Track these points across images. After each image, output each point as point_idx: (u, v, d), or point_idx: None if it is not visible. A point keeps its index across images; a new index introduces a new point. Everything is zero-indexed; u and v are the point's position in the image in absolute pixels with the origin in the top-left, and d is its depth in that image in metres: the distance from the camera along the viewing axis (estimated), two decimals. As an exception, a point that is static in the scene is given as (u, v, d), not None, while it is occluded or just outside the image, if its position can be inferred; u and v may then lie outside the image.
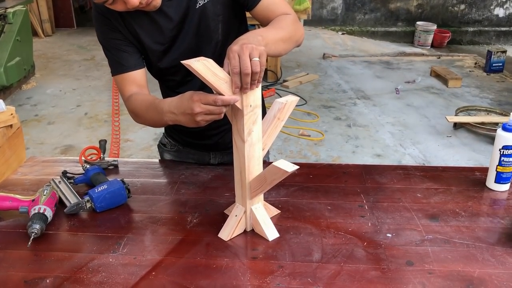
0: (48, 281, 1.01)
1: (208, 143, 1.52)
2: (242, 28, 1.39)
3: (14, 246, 1.13)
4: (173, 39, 1.30)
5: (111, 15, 1.27)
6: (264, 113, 1.14)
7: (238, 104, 1.02)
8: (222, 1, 1.28)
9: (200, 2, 1.26)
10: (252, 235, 1.17)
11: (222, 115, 1.04)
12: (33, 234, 1.12)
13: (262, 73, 1.01)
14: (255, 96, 1.04)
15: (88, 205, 1.25)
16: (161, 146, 1.66)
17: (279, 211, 1.25)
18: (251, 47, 0.99)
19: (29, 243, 1.11)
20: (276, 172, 1.04)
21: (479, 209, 1.27)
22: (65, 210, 1.24)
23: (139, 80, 1.32)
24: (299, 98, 1.12)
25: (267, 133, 1.11)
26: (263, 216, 1.16)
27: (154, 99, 1.23)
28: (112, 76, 1.35)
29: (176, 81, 1.39)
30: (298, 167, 1.02)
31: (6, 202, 1.22)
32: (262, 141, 1.11)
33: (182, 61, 0.97)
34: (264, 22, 1.30)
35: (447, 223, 1.20)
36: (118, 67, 1.32)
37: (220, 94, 1.01)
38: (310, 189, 1.37)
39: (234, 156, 1.12)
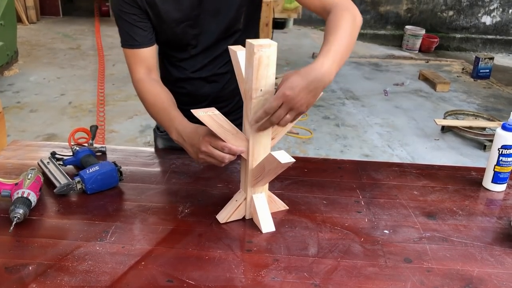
0: (30, 268, 0.96)
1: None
2: (258, 15, 1.42)
3: (-5, 231, 1.07)
4: (194, 17, 1.29)
5: None
6: None
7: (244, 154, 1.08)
8: None
9: None
10: (249, 224, 1.14)
11: (223, 164, 1.07)
12: (15, 219, 1.06)
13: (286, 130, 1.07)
14: (266, 81, 1.00)
15: (79, 186, 1.20)
16: (156, 131, 1.61)
17: (287, 207, 1.20)
18: (299, 106, 0.98)
19: (11, 228, 1.05)
20: (272, 162, 1.01)
21: (476, 208, 1.25)
22: (54, 191, 1.19)
23: (149, 58, 1.30)
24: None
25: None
26: (262, 207, 1.12)
27: (168, 107, 1.22)
28: (121, 46, 1.31)
29: (185, 58, 1.38)
30: (293, 160, 0.98)
31: (-13, 185, 1.15)
32: (273, 130, 1.07)
33: (192, 110, 0.99)
34: (314, 7, 1.23)
35: (444, 221, 1.18)
36: (129, 40, 1.29)
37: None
38: (305, 183, 1.33)
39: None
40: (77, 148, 1.38)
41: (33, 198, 1.12)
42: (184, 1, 1.26)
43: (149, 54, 1.31)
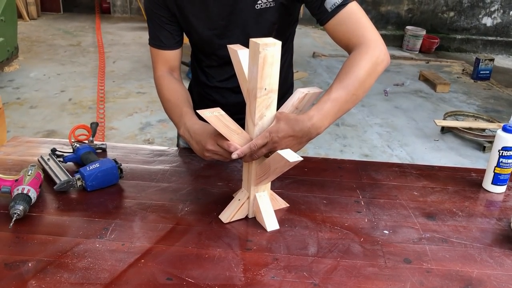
0: (30, 264, 0.95)
1: None
2: (292, 35, 1.37)
3: (-6, 227, 1.07)
4: (222, 27, 1.26)
5: None
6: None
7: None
8: (282, 11, 1.21)
9: (260, 4, 1.19)
10: (252, 223, 1.13)
11: (228, 160, 1.09)
12: (15, 215, 1.06)
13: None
14: (271, 79, 1.00)
15: (79, 183, 1.20)
16: None
17: (288, 205, 1.21)
18: (281, 146, 1.02)
19: (11, 224, 1.05)
20: (279, 161, 1.01)
21: (476, 209, 1.25)
22: (54, 187, 1.19)
23: (173, 60, 1.33)
24: (322, 90, 1.08)
25: None
26: (265, 205, 1.12)
27: (181, 103, 1.23)
28: (148, 44, 1.34)
29: (213, 65, 1.36)
30: (301, 159, 0.99)
31: (-13, 181, 1.15)
32: None
33: (197, 111, 1.01)
34: (339, 41, 1.16)
35: (444, 222, 1.18)
36: (156, 41, 1.32)
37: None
38: (305, 182, 1.33)
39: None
40: (78, 145, 1.38)
41: (33, 194, 1.12)
42: (213, 9, 1.23)
43: (173, 56, 1.33)
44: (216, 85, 1.38)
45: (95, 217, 1.13)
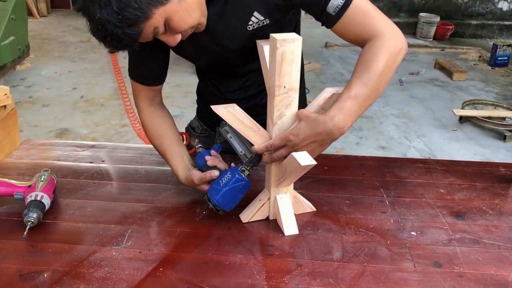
0: (45, 275, 0.93)
1: None
2: (296, 31, 1.27)
3: (8, 235, 1.04)
4: (214, 52, 1.17)
5: None
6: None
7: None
8: (279, 25, 1.10)
9: (252, 24, 1.08)
10: (273, 226, 1.10)
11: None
12: (29, 223, 1.03)
13: None
14: (290, 77, 0.95)
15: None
16: (190, 130, 1.54)
17: (314, 209, 1.16)
18: (301, 148, 0.98)
19: (25, 233, 1.02)
20: (293, 163, 0.97)
21: (507, 207, 1.19)
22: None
23: (157, 89, 1.25)
24: None
25: None
26: (286, 208, 1.08)
27: (165, 149, 1.22)
28: (129, 76, 1.23)
29: (217, 78, 1.30)
30: (315, 163, 0.94)
31: (0, 187, 1.12)
32: None
33: (211, 106, 1.00)
34: (351, 40, 1.08)
35: (474, 221, 1.12)
36: (138, 75, 1.21)
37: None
38: (325, 181, 1.28)
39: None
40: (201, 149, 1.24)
41: (46, 201, 1.09)
42: (203, 38, 1.12)
43: (156, 88, 1.25)
44: (226, 96, 1.30)
45: (111, 223, 1.09)
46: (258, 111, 1.21)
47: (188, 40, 1.07)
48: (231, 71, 1.25)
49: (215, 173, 1.10)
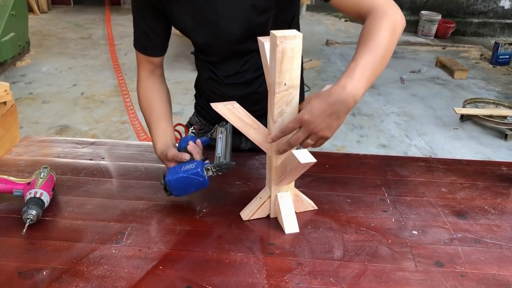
0: (44, 273, 0.92)
1: None
2: (295, 19, 1.27)
3: (7, 233, 1.04)
4: (213, 23, 1.18)
5: None
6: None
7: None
8: None
9: None
10: (274, 224, 1.09)
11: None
12: (28, 220, 1.02)
13: None
14: (291, 74, 0.94)
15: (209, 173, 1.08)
16: (189, 126, 1.54)
17: (316, 208, 1.15)
18: (318, 131, 0.94)
19: (24, 230, 1.01)
20: (293, 161, 0.96)
21: (509, 206, 1.18)
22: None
23: (156, 61, 1.30)
24: None
25: None
26: (286, 206, 1.07)
27: (151, 121, 1.24)
28: (133, 46, 1.30)
29: (214, 61, 1.30)
30: (314, 160, 0.92)
31: (-1, 184, 1.12)
32: None
33: (211, 104, 0.99)
34: (349, 12, 1.10)
35: (476, 221, 1.12)
36: (140, 45, 1.28)
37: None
38: (326, 180, 1.28)
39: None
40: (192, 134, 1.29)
41: (46, 198, 1.08)
42: (197, 3, 1.16)
43: (156, 60, 1.30)
44: (223, 81, 1.31)
45: (110, 220, 1.09)
46: (257, 99, 1.22)
47: (187, 11, 1.12)
48: (229, 49, 1.23)
49: (186, 157, 1.09)
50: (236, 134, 1.41)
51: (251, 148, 1.45)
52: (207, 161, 1.09)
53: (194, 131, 1.24)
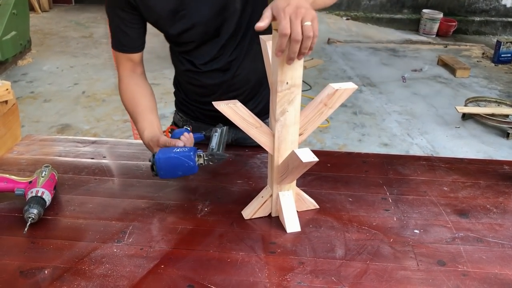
0: (46, 272, 0.92)
1: (222, 114, 1.40)
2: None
3: (9, 231, 1.04)
4: (184, 8, 1.19)
5: None
6: None
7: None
8: None
9: None
10: (275, 223, 1.09)
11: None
12: (30, 219, 1.02)
13: (315, 40, 0.89)
14: (293, 73, 0.94)
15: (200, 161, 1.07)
16: (178, 126, 1.55)
17: (317, 206, 1.15)
18: (304, 11, 0.87)
19: (26, 229, 1.01)
20: (295, 160, 0.95)
21: (511, 205, 1.18)
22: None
23: (136, 59, 1.31)
24: (357, 87, 1.01)
25: (309, 118, 1.02)
26: (288, 205, 1.07)
27: (140, 114, 1.24)
28: (111, 47, 1.30)
29: (189, 49, 1.30)
30: (316, 159, 0.92)
31: (1, 183, 1.12)
32: (301, 125, 1.01)
33: (213, 102, 0.98)
34: None
35: (478, 220, 1.11)
36: (118, 44, 1.29)
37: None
38: (328, 178, 1.27)
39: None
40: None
41: (47, 197, 1.08)
42: None
43: (136, 56, 1.31)
44: (201, 69, 1.32)
45: (112, 219, 1.09)
46: (236, 83, 1.26)
47: (158, 2, 1.15)
48: (202, 32, 1.23)
49: (180, 143, 1.09)
50: (216, 125, 1.40)
51: (234, 139, 1.46)
52: (199, 150, 1.08)
53: (188, 128, 1.24)
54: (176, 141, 1.09)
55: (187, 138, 1.13)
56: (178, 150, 1.05)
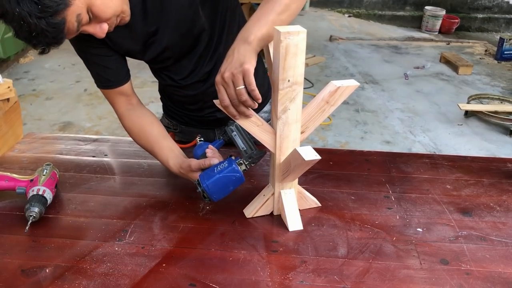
0: (47, 270, 0.92)
1: (210, 119, 1.39)
2: (237, 9, 1.25)
3: (10, 230, 1.04)
4: (152, 35, 1.16)
5: None
6: None
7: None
8: None
9: None
10: (277, 221, 1.08)
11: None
12: (31, 218, 1.02)
13: (255, 92, 0.94)
14: (295, 71, 0.93)
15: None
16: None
17: (319, 205, 1.14)
18: (231, 74, 0.93)
19: (27, 227, 1.01)
20: (297, 158, 0.95)
21: (515, 204, 1.17)
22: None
23: (127, 90, 1.24)
24: (359, 84, 1.01)
25: (311, 116, 1.01)
26: (290, 203, 1.06)
27: (152, 147, 1.20)
28: (97, 87, 1.24)
29: (166, 65, 1.26)
30: (319, 157, 0.92)
31: (2, 181, 1.12)
32: (303, 123, 1.01)
33: (214, 101, 0.99)
34: None
35: (481, 218, 1.11)
36: (102, 81, 1.22)
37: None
38: (330, 177, 1.27)
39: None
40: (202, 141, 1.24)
41: (48, 195, 1.08)
42: (135, 26, 1.12)
43: (126, 87, 1.24)
44: (181, 84, 1.29)
45: (113, 218, 1.08)
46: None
47: (125, 35, 1.11)
48: (175, 52, 1.21)
49: (215, 160, 1.07)
50: (207, 128, 1.39)
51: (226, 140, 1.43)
52: (237, 157, 1.07)
53: (202, 139, 1.22)
54: (209, 159, 1.07)
55: (213, 151, 1.12)
56: (219, 168, 1.04)
